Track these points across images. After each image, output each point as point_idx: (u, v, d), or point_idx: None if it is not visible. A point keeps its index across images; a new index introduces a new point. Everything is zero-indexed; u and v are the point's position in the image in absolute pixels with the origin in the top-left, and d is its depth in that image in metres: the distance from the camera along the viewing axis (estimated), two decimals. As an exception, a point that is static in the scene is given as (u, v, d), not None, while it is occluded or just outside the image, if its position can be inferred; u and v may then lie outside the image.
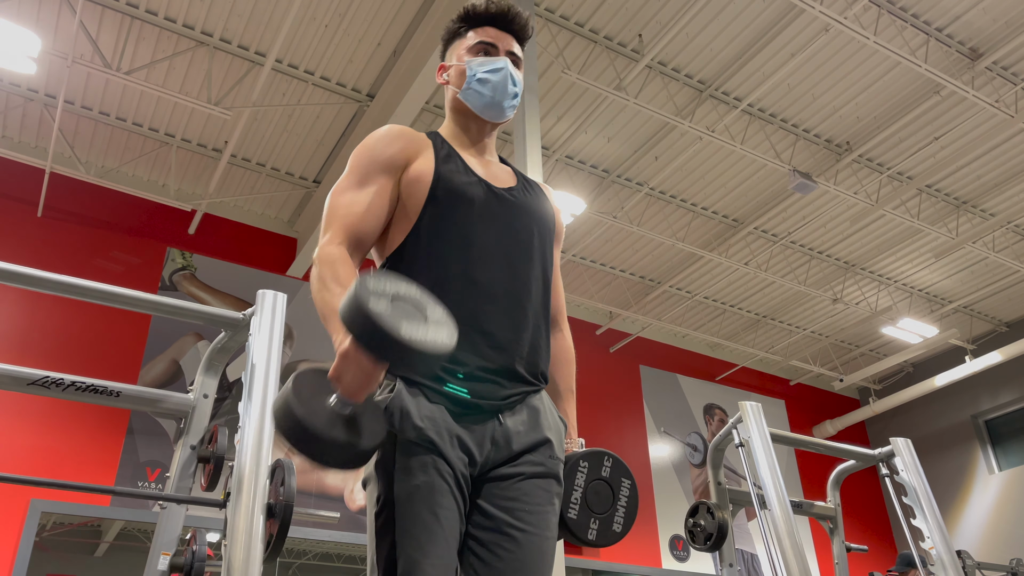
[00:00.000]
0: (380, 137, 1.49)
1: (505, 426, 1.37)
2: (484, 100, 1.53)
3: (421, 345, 1.10)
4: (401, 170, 1.46)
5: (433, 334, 1.13)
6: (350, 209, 1.41)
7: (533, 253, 1.49)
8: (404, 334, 1.09)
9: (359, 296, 1.10)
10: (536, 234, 1.51)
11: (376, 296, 1.11)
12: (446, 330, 1.16)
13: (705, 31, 6.01)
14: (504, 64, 1.54)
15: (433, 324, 1.15)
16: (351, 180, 1.45)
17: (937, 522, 3.27)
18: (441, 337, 1.13)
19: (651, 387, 9.31)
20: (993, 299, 9.34)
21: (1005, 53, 6.11)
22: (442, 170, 1.46)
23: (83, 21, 5.52)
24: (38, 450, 5.79)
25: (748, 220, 7.87)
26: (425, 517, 1.25)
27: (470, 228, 1.43)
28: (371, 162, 1.45)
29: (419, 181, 1.44)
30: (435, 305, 1.20)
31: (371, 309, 1.09)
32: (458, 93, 1.55)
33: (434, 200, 1.43)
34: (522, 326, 1.43)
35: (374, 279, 1.14)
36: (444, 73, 1.60)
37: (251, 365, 2.10)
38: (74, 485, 5.16)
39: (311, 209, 7.37)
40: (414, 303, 1.17)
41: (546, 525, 1.36)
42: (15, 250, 6.20)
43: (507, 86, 1.53)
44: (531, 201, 1.54)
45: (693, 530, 3.42)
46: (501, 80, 1.53)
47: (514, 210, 1.49)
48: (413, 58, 5.68)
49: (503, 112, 1.56)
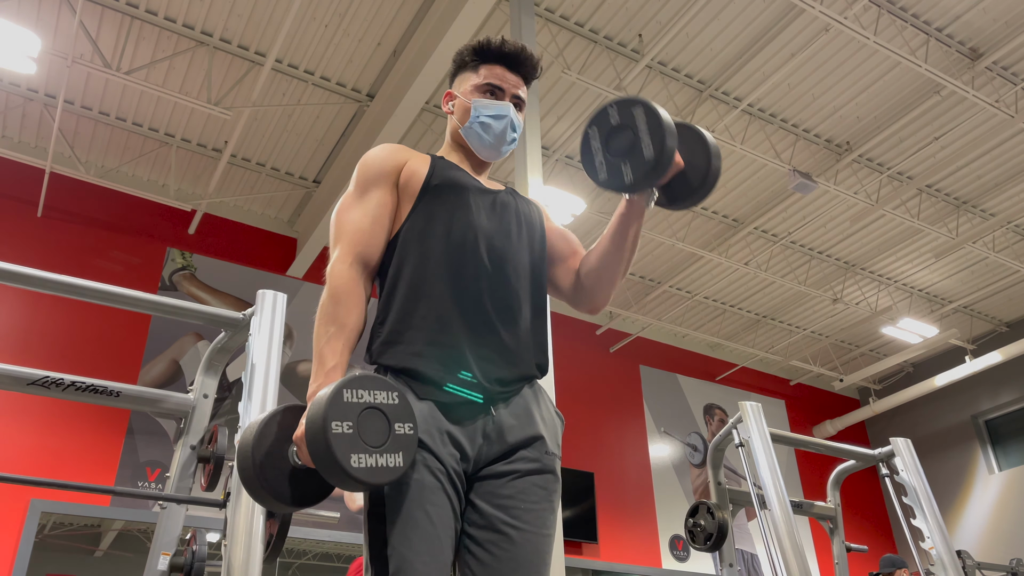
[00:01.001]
0: (379, 151, 1.55)
1: (498, 419, 1.37)
2: (483, 143, 1.59)
3: (367, 477, 1.17)
4: (399, 173, 1.52)
5: (387, 460, 1.20)
6: (357, 224, 1.46)
7: (523, 243, 1.52)
8: (352, 468, 1.16)
9: (324, 417, 1.16)
10: (525, 226, 1.55)
11: (340, 420, 1.17)
12: (403, 453, 1.22)
13: (705, 31, 6.01)
14: (507, 112, 1.59)
15: (392, 446, 1.21)
16: (355, 195, 1.50)
17: (937, 522, 3.27)
18: (395, 462, 1.20)
19: (651, 387, 9.31)
20: (993, 299, 9.34)
21: (1005, 53, 6.11)
22: (437, 164, 1.54)
23: (83, 21, 5.52)
24: (38, 450, 5.79)
25: (748, 220, 7.87)
26: (417, 515, 1.25)
27: (462, 217, 1.47)
28: (374, 175, 1.51)
29: (416, 174, 1.51)
30: (408, 414, 1.25)
31: (329, 438, 1.15)
32: (460, 128, 1.61)
33: (428, 189, 1.49)
34: (515, 317, 1.44)
35: (351, 388, 1.20)
36: (450, 103, 1.65)
37: (251, 365, 2.10)
38: (74, 485, 5.17)
39: (311, 209, 7.36)
40: (388, 412, 1.22)
41: (543, 523, 1.36)
42: (15, 250, 6.20)
43: (507, 133, 1.59)
44: (520, 201, 1.60)
45: (693, 530, 3.42)
46: (502, 128, 1.59)
47: (503, 206, 1.55)
48: (413, 58, 5.68)
49: (499, 154, 1.63)
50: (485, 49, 1.61)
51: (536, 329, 1.48)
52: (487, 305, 1.41)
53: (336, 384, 1.19)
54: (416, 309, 1.40)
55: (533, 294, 1.50)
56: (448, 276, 1.41)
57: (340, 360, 1.32)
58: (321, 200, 7.14)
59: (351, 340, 1.36)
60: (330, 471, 1.17)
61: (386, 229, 1.48)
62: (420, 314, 1.39)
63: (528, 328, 1.46)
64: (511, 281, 1.46)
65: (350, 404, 1.18)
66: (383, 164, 1.52)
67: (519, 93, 1.61)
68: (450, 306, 1.40)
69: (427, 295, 1.40)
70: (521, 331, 1.44)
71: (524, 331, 1.45)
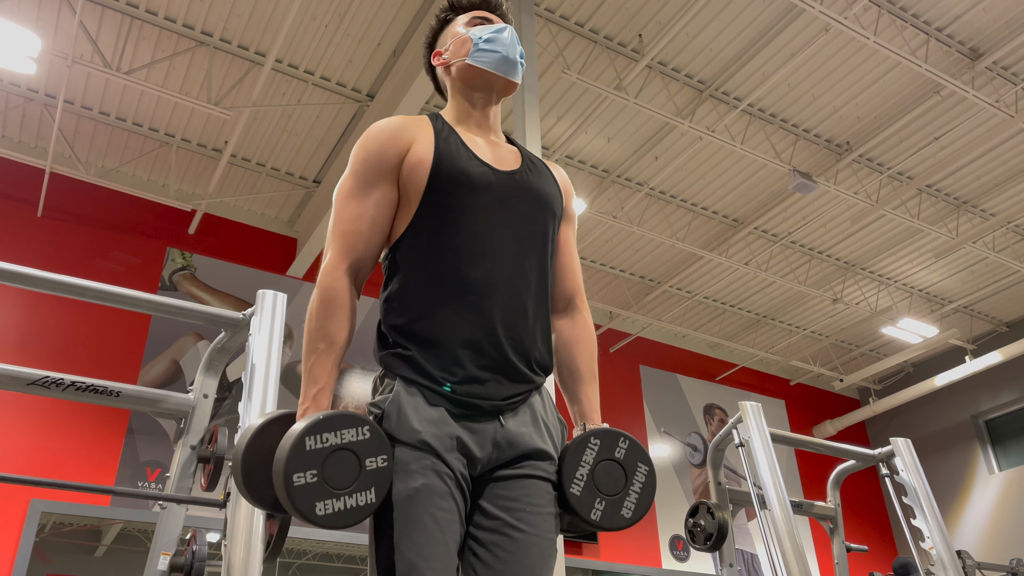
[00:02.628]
0: (379, 134, 1.47)
1: (507, 429, 1.36)
2: (497, 56, 1.53)
3: (334, 522, 1.17)
4: (401, 160, 1.44)
5: (356, 499, 1.20)
6: (354, 226, 1.41)
7: (535, 242, 1.47)
8: (317, 517, 1.16)
9: (283, 471, 1.16)
10: (539, 220, 1.49)
11: (301, 470, 1.17)
12: (375, 488, 1.22)
13: (705, 31, 6.01)
14: (506, 26, 1.57)
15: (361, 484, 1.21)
16: (355, 183, 1.44)
17: (937, 522, 3.27)
18: (365, 500, 1.20)
19: (651, 387, 9.31)
20: (993, 299, 9.34)
21: (1005, 53, 6.11)
22: (442, 151, 1.44)
23: (83, 21, 5.52)
24: (38, 450, 5.79)
25: (748, 220, 7.87)
26: (424, 520, 1.24)
27: (470, 217, 1.41)
28: (374, 165, 1.44)
29: (420, 165, 1.42)
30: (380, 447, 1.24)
31: (290, 492, 1.15)
32: (466, 59, 1.54)
33: (433, 187, 1.41)
34: (522, 321, 1.41)
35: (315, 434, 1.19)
36: (442, 54, 1.60)
37: (251, 365, 2.10)
38: (74, 485, 5.16)
39: (311, 209, 7.36)
40: (358, 450, 1.22)
41: (547, 527, 1.35)
42: (15, 250, 6.20)
43: (515, 45, 1.55)
44: (535, 183, 1.51)
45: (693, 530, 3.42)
46: (508, 38, 1.55)
47: (516, 195, 1.47)
48: (413, 58, 5.68)
49: (516, 69, 1.55)
50: (457, 3, 1.62)
51: (543, 334, 1.46)
52: (495, 316, 1.38)
53: (299, 433, 1.18)
54: (423, 318, 1.38)
55: (540, 299, 1.47)
56: (455, 285, 1.39)
57: (328, 382, 1.32)
58: (321, 200, 7.14)
59: (340, 356, 1.35)
60: (298, 518, 1.18)
61: (384, 230, 1.44)
62: (428, 323, 1.37)
63: (535, 334, 1.44)
64: (519, 290, 1.42)
65: (313, 452, 1.18)
66: (384, 153, 1.44)
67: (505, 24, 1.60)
68: (457, 315, 1.37)
69: (434, 303, 1.38)
70: (528, 339, 1.42)
71: (531, 339, 1.42)
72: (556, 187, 1.56)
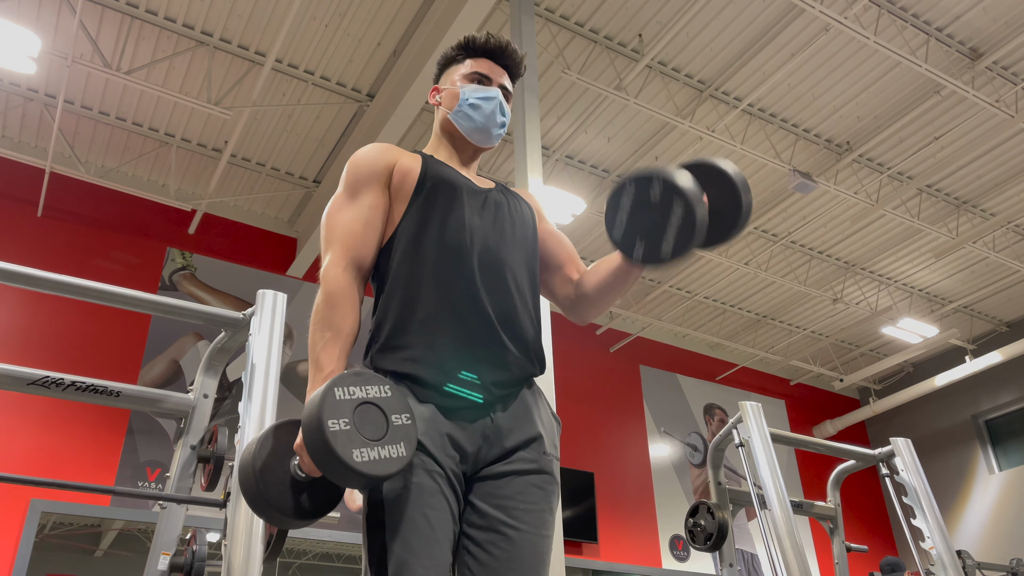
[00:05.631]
0: (369, 151, 1.54)
1: (497, 421, 1.37)
2: (474, 124, 1.60)
3: (371, 470, 1.16)
4: (391, 171, 1.51)
5: (389, 451, 1.19)
6: (349, 227, 1.45)
7: (517, 243, 1.52)
8: (355, 463, 1.15)
9: (319, 417, 1.15)
10: (519, 222, 1.56)
11: (335, 417, 1.16)
12: (404, 443, 1.21)
13: (705, 31, 6.01)
14: (496, 94, 1.61)
15: (392, 437, 1.21)
16: (346, 196, 1.50)
17: (937, 522, 3.27)
18: (398, 452, 1.20)
19: (651, 387, 9.31)
20: (993, 299, 9.34)
21: (1005, 53, 6.11)
22: (429, 162, 1.54)
23: (83, 21, 5.52)
24: (38, 450, 5.79)
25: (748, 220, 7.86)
26: (415, 518, 1.25)
27: (456, 213, 1.47)
28: (365, 176, 1.50)
29: (410, 173, 1.51)
30: (402, 404, 1.24)
31: (327, 436, 1.14)
32: (449, 114, 1.62)
33: (422, 188, 1.49)
34: (511, 319, 1.44)
35: (342, 387, 1.19)
36: (437, 95, 1.67)
37: (251, 365, 2.10)
38: (74, 485, 5.16)
39: (311, 209, 7.37)
40: (383, 405, 1.22)
41: (541, 524, 1.36)
42: (15, 250, 6.20)
43: (496, 115, 1.60)
44: (509, 199, 1.60)
45: (693, 530, 3.42)
46: (491, 109, 1.60)
47: (496, 205, 1.55)
48: (413, 58, 5.68)
49: (490, 138, 1.62)
50: (471, 44, 1.64)
51: (532, 329, 1.48)
52: (483, 308, 1.40)
53: (326, 384, 1.19)
54: (413, 314, 1.40)
55: (528, 294, 1.50)
56: (444, 280, 1.41)
57: (336, 366, 1.32)
58: (321, 200, 7.14)
59: (347, 345, 1.36)
60: (334, 470, 1.16)
61: (379, 232, 1.47)
62: (417, 319, 1.39)
63: (524, 328, 1.45)
64: (506, 282, 1.45)
65: (343, 401, 1.18)
66: (374, 164, 1.51)
67: (505, 83, 1.64)
68: (446, 310, 1.39)
69: (423, 299, 1.40)
70: (518, 332, 1.44)
71: (520, 332, 1.44)
72: (527, 205, 1.64)
